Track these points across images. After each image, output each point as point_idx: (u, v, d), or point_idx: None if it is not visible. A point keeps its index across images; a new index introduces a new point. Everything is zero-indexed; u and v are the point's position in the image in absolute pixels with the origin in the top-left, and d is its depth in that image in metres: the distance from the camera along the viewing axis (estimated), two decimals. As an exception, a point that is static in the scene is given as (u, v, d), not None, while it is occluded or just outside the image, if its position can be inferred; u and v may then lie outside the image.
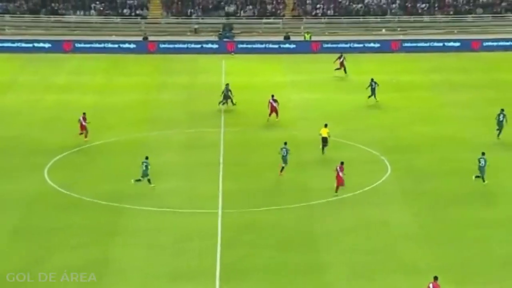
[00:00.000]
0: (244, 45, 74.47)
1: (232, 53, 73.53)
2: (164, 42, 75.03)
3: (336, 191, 39.13)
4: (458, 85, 61.41)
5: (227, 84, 55.44)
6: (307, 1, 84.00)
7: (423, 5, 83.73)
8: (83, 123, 47.80)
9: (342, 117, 52.53)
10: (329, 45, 74.16)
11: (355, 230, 35.45)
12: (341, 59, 64.76)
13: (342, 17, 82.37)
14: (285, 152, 41.95)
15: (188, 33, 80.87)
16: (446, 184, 40.80)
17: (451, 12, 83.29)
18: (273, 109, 51.47)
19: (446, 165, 43.43)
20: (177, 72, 66.47)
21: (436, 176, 41.65)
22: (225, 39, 77.11)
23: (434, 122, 51.68)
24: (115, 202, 38.66)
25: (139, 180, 40.17)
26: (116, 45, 73.98)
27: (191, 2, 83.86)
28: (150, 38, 76.33)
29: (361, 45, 74.65)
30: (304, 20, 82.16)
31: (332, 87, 61.00)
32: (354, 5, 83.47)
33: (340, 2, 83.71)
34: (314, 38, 75.88)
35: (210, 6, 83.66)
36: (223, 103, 54.46)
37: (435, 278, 28.90)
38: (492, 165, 42.75)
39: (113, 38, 77.23)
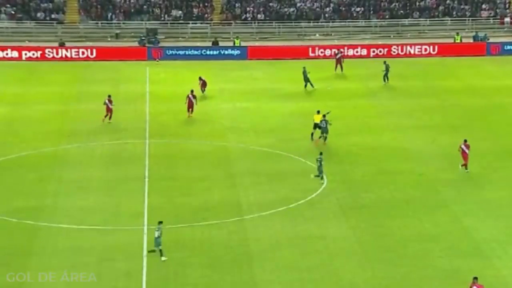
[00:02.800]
0: (171, 51, 74.47)
1: (157, 60, 73.34)
2: (84, 48, 74.45)
3: (466, 168, 43.71)
4: (396, 92, 62.48)
5: (304, 67, 60.49)
6: (236, 5, 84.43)
7: (358, 9, 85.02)
8: (109, 106, 52.56)
9: (275, 127, 52.90)
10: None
11: (290, 246, 35.68)
12: (337, 56, 65.83)
13: (274, 22, 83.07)
14: (325, 124, 48.34)
15: (109, 39, 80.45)
16: (384, 196, 41.40)
17: (387, 16, 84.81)
18: (191, 105, 54.34)
19: (384, 176, 44.11)
20: (98, 81, 65.99)
21: (374, 188, 42.25)
22: (148, 45, 76.86)
23: (371, 131, 52.45)
24: (29, 219, 38.12)
25: (318, 176, 42.72)
26: (32, 52, 73.19)
27: (112, 6, 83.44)
28: (67, 44, 75.67)
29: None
30: (233, 24, 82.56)
31: (265, 96, 61.32)
32: (285, 9, 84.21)
33: (271, 6, 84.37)
34: (244, 44, 76.30)
35: (132, 10, 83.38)
36: (306, 86, 60.59)
37: (475, 278, 29.86)
38: (431, 177, 43.66)
39: (27, 44, 76.31)
